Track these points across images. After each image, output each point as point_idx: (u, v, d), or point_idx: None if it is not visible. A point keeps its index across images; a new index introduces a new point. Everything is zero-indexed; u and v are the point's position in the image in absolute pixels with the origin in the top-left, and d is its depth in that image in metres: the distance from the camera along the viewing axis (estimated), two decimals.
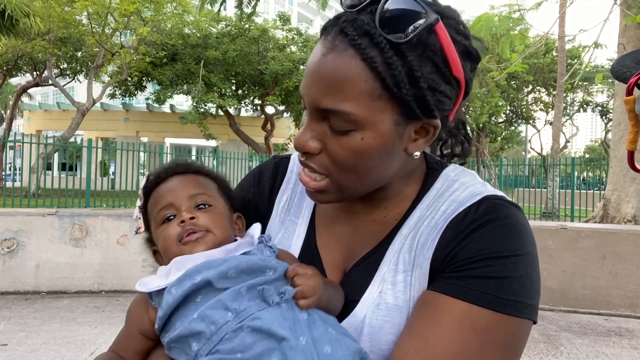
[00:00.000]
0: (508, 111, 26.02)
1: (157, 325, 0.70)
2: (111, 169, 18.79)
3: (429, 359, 0.64)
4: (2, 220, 5.59)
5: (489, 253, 0.67)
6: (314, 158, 0.70)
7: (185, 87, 18.47)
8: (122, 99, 22.23)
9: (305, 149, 0.69)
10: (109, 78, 18.97)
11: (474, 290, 0.66)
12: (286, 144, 22.16)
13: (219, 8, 18.37)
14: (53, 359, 3.70)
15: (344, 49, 0.63)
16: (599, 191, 11.98)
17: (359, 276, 0.76)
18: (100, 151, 15.09)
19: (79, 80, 21.60)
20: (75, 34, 16.78)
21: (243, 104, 21.63)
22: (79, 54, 18.94)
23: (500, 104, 21.74)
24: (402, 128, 0.67)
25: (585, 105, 27.51)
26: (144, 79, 19.73)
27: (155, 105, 20.56)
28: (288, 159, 0.93)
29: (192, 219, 0.76)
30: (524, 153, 34.36)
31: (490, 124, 24.88)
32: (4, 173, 16.76)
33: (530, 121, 26.88)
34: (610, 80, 21.12)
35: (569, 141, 30.42)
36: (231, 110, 20.38)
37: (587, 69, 16.53)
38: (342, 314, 0.74)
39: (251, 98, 21.08)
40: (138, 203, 0.93)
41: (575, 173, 12.82)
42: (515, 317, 0.66)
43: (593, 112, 28.66)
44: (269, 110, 20.97)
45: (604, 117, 28.65)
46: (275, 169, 0.92)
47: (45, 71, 19.07)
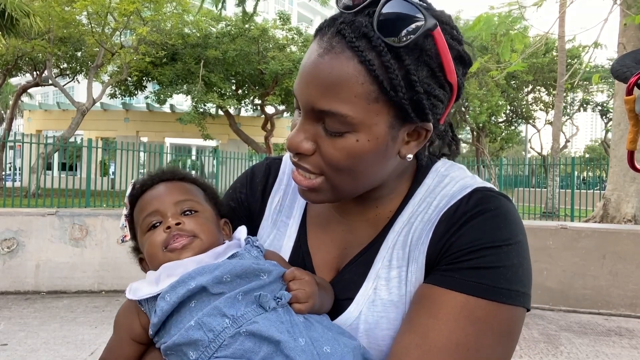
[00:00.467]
0: (508, 111, 26.00)
1: (152, 331, 0.71)
2: (111, 169, 18.80)
3: (430, 352, 0.64)
4: (2, 220, 5.59)
5: (483, 243, 0.68)
6: (308, 159, 0.69)
7: (185, 87, 18.47)
8: (122, 99, 22.22)
9: (299, 150, 0.69)
10: (109, 78, 18.96)
11: (470, 281, 0.66)
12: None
13: (220, 7, 18.35)
14: (53, 359, 3.70)
15: (341, 50, 0.63)
16: (599, 191, 11.98)
17: (352, 274, 0.76)
18: (100, 151, 15.10)
19: (78, 80, 21.60)
20: (75, 33, 16.78)
21: (243, 104, 21.63)
22: (79, 53, 18.94)
23: (500, 103, 21.73)
24: (396, 131, 0.68)
25: (585, 105, 27.50)
26: (143, 78, 19.72)
27: (155, 105, 20.56)
28: (280, 159, 0.94)
29: (178, 224, 0.76)
30: (524, 153, 34.36)
31: (490, 124, 24.86)
32: (4, 173, 16.76)
33: (530, 121, 26.86)
34: (610, 80, 21.12)
35: (569, 141, 30.41)
36: (231, 110, 20.38)
37: (587, 69, 16.52)
38: (337, 312, 0.75)
39: (251, 98, 21.09)
40: (124, 212, 0.93)
41: (575, 173, 12.82)
42: (511, 306, 0.67)
43: (593, 112, 28.64)
44: (269, 110, 20.97)
45: (604, 117, 28.65)
46: (268, 170, 0.92)
47: (45, 71, 19.06)
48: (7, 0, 11.46)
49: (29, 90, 24.53)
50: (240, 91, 20.54)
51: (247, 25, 18.42)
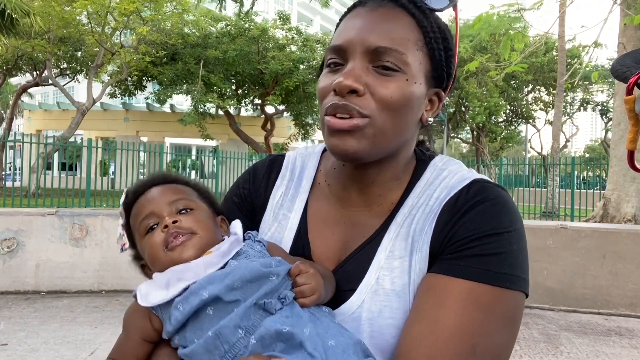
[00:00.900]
0: (508, 111, 26.01)
1: (166, 336, 0.72)
2: (111, 169, 18.79)
3: (439, 340, 0.66)
4: (2, 220, 5.59)
5: (485, 231, 0.70)
6: (358, 99, 0.72)
7: (185, 87, 18.47)
8: (122, 99, 22.22)
9: (352, 87, 0.71)
10: (109, 78, 18.96)
11: (475, 268, 0.69)
12: (286, 144, 22.15)
13: (219, 5, 18.32)
14: (53, 359, 3.70)
15: (392, 7, 0.75)
16: (599, 191, 11.98)
17: (355, 266, 0.78)
18: (100, 151, 15.11)
19: (78, 80, 21.60)
20: (75, 33, 16.78)
21: (243, 104, 21.62)
22: (79, 53, 18.94)
23: (501, 103, 21.74)
24: (426, 88, 0.77)
25: (585, 105, 27.50)
26: (143, 78, 19.72)
27: (156, 105, 20.56)
28: (283, 156, 0.96)
29: (175, 222, 0.76)
30: (524, 153, 34.35)
31: (490, 124, 24.86)
32: (4, 173, 16.76)
33: (530, 121, 26.86)
34: (610, 80, 21.11)
35: (569, 141, 30.41)
36: (231, 110, 20.37)
37: (587, 69, 16.51)
38: (339, 301, 0.76)
39: (251, 98, 21.08)
40: (120, 221, 0.93)
41: (575, 173, 12.82)
42: (514, 291, 0.69)
43: (593, 111, 28.63)
44: (269, 109, 20.96)
45: (604, 117, 28.65)
46: (270, 166, 0.95)
47: (45, 71, 19.06)
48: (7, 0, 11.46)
49: (29, 90, 24.51)
50: (240, 91, 20.53)
51: (247, 25, 18.41)
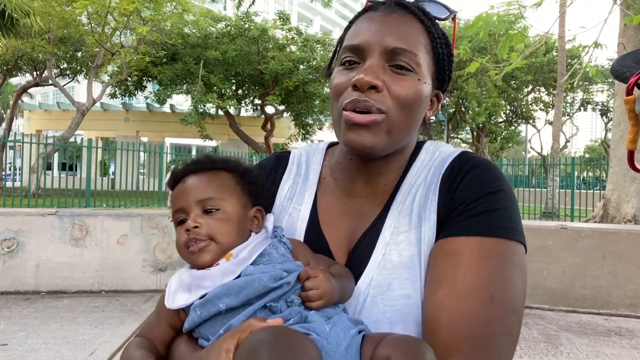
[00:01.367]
0: (508, 111, 26.01)
1: (184, 331, 0.77)
2: (111, 169, 18.80)
3: (462, 298, 0.71)
4: (2, 220, 5.59)
5: (482, 191, 0.78)
6: (376, 94, 0.77)
7: (185, 87, 18.46)
8: (122, 99, 22.22)
9: (372, 83, 0.76)
10: (109, 78, 18.96)
11: (480, 224, 0.76)
12: (286, 144, 22.15)
13: (224, 4, 18.27)
14: (53, 359, 3.70)
15: (404, 13, 0.82)
16: (599, 191, 11.98)
17: (362, 250, 0.83)
18: (100, 151, 15.11)
19: (78, 80, 21.59)
20: (75, 33, 16.77)
21: (243, 104, 21.62)
22: (79, 53, 18.93)
23: (501, 103, 21.73)
24: (432, 87, 0.84)
25: (585, 104, 27.49)
26: (143, 78, 19.71)
27: (155, 105, 20.55)
28: (288, 153, 1.01)
29: (196, 227, 0.79)
30: (524, 153, 34.36)
31: (490, 124, 24.86)
32: (4, 173, 16.76)
33: (530, 121, 26.86)
34: (610, 80, 21.11)
35: (569, 141, 30.41)
36: (231, 110, 20.36)
37: (587, 69, 16.50)
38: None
39: (251, 98, 21.08)
40: (166, 185, 1.01)
41: (575, 173, 12.82)
42: (515, 242, 0.76)
43: (593, 111, 28.64)
44: (269, 110, 20.96)
45: (604, 117, 28.65)
46: (277, 162, 1.00)
47: (45, 71, 19.06)
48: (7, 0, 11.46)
49: (29, 90, 24.51)
50: (240, 91, 20.53)
51: (247, 26, 18.41)
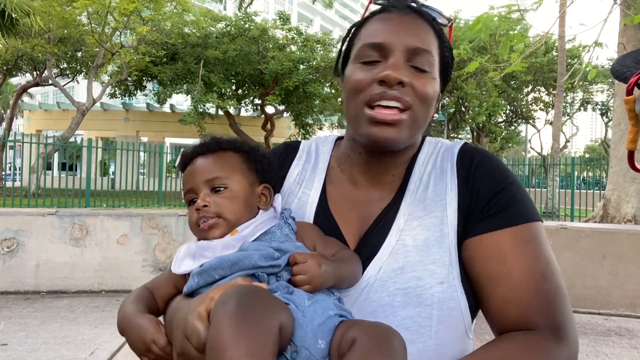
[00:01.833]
0: (508, 111, 25.99)
1: (184, 292, 0.80)
2: (111, 169, 18.79)
3: (519, 290, 0.78)
4: (2, 220, 5.59)
5: (500, 182, 0.85)
6: (403, 90, 0.82)
7: (185, 87, 18.47)
8: (122, 99, 22.22)
9: (400, 79, 0.81)
10: (109, 78, 18.95)
11: (508, 216, 0.82)
12: None
13: (223, 4, 18.28)
14: (53, 359, 3.70)
15: (416, 17, 0.87)
16: (599, 191, 11.98)
17: (377, 232, 0.86)
18: (100, 151, 15.11)
19: (77, 80, 21.59)
20: (75, 33, 16.77)
21: (243, 104, 21.62)
22: (79, 53, 18.93)
23: (501, 102, 21.71)
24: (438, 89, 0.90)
25: (585, 104, 27.48)
26: (143, 78, 19.71)
27: (156, 105, 20.55)
28: (298, 142, 1.05)
29: (205, 206, 0.83)
30: (524, 153, 34.34)
31: (490, 124, 24.83)
32: (4, 173, 16.75)
33: (530, 121, 26.84)
34: (610, 80, 21.10)
35: (569, 141, 30.40)
36: (231, 110, 20.37)
37: (588, 69, 16.51)
38: (364, 267, 0.83)
39: (251, 98, 21.09)
40: (177, 166, 1.08)
41: (575, 173, 12.82)
42: (539, 222, 0.84)
43: (593, 111, 28.63)
44: (269, 110, 20.97)
45: (604, 117, 28.63)
46: (286, 149, 1.04)
47: (45, 71, 19.06)
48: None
49: (29, 90, 24.51)
50: (240, 91, 20.53)
51: (247, 25, 18.40)
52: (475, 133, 25.72)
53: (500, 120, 26.50)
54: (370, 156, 0.89)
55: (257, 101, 21.25)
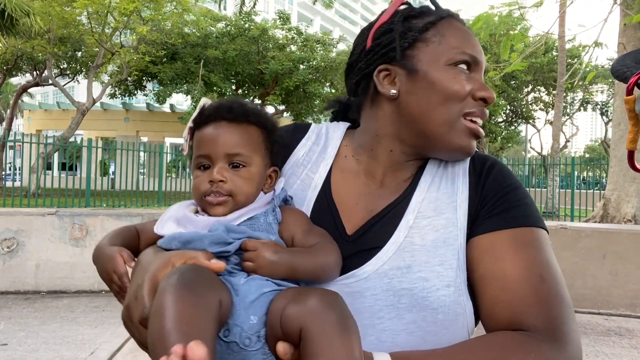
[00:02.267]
0: (508, 111, 25.99)
1: (157, 245, 0.81)
2: (111, 169, 18.79)
3: (514, 287, 0.76)
4: (2, 220, 5.59)
5: (506, 187, 0.85)
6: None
7: (185, 87, 18.48)
8: (122, 99, 22.22)
9: (493, 100, 0.85)
10: (109, 78, 18.96)
11: (509, 218, 0.81)
12: None
13: (219, 4, 18.32)
14: (53, 359, 3.70)
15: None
16: (599, 191, 11.98)
17: (383, 225, 0.84)
18: (100, 151, 15.11)
19: (77, 80, 21.59)
20: (75, 33, 16.78)
21: None
22: (79, 53, 18.94)
23: (501, 102, 21.71)
24: None
25: (585, 104, 27.48)
26: (143, 78, 19.71)
27: (155, 104, 20.55)
28: (309, 124, 1.01)
29: (221, 181, 0.80)
30: (524, 153, 34.34)
31: (490, 124, 24.83)
32: (4, 173, 16.75)
33: (530, 121, 26.85)
34: (610, 80, 21.10)
35: (569, 141, 30.40)
36: None
37: (587, 69, 16.51)
38: (365, 259, 0.81)
39: (251, 98, 21.09)
40: (190, 124, 0.92)
41: (575, 173, 12.82)
42: (541, 228, 0.83)
43: (593, 111, 28.63)
44: (269, 109, 20.97)
45: (604, 117, 28.63)
46: (296, 129, 1.00)
47: (45, 71, 19.06)
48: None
49: (29, 90, 24.52)
50: (240, 91, 20.55)
51: (247, 25, 18.41)
52: None
53: (500, 120, 26.50)
54: (405, 156, 0.88)
55: (257, 101, 21.24)
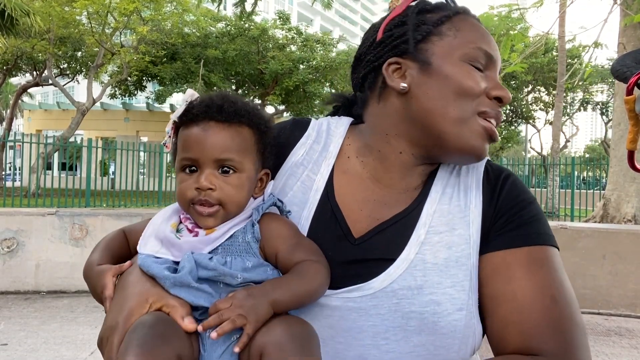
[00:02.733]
0: (508, 111, 26.00)
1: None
2: (111, 169, 18.79)
3: (525, 308, 0.72)
4: (2, 220, 5.58)
5: (521, 201, 0.81)
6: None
7: (185, 87, 18.49)
8: (122, 99, 22.22)
9: (509, 101, 0.80)
10: (109, 78, 18.96)
11: (524, 234, 0.78)
12: None
13: (218, 5, 18.34)
14: (53, 359, 3.70)
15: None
16: (599, 191, 11.98)
17: (391, 235, 0.78)
18: (100, 151, 15.10)
19: (77, 80, 21.60)
20: (75, 33, 16.79)
21: None
22: (79, 53, 18.95)
23: None
24: None
25: (585, 104, 27.50)
26: (143, 78, 19.72)
27: (156, 104, 20.55)
28: (309, 120, 0.94)
29: (210, 189, 0.74)
30: (524, 153, 34.34)
31: None
32: (4, 173, 16.75)
33: (530, 121, 26.86)
34: (610, 80, 21.11)
35: (569, 141, 30.39)
36: None
37: (587, 69, 16.51)
38: (377, 270, 0.75)
39: (251, 97, 21.10)
40: (174, 117, 0.80)
41: (575, 173, 12.82)
42: (553, 247, 0.79)
43: (593, 111, 28.64)
44: (269, 109, 20.99)
45: (604, 117, 28.64)
46: (294, 125, 0.93)
47: (45, 71, 19.07)
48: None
49: (29, 90, 24.52)
50: (240, 91, 20.56)
51: (247, 25, 18.42)
52: None
53: None
54: (414, 159, 0.81)
55: (257, 101, 21.25)
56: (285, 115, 22.04)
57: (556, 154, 13.67)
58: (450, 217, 0.79)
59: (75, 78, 21.29)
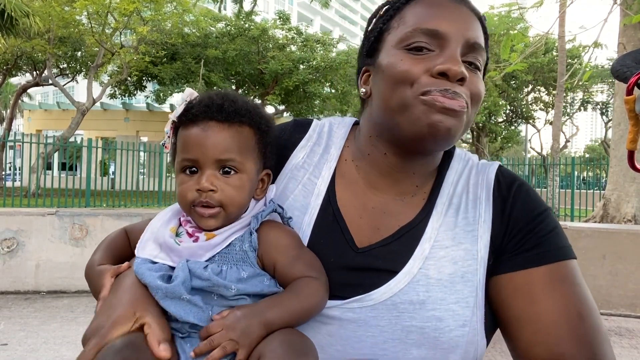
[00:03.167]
0: (508, 111, 26.01)
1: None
2: (111, 169, 18.79)
3: (550, 332, 0.71)
4: (2, 220, 5.58)
5: (537, 215, 0.77)
6: (460, 87, 0.72)
7: (185, 87, 18.49)
8: (122, 99, 22.22)
9: (464, 75, 0.71)
10: (109, 78, 18.97)
11: (545, 251, 0.75)
12: None
13: (219, 5, 18.36)
14: (53, 359, 3.70)
15: (468, 9, 0.77)
16: (599, 191, 11.98)
17: (396, 246, 0.77)
18: (100, 151, 15.09)
19: (77, 80, 21.61)
20: (75, 33, 16.79)
21: None
22: (79, 53, 18.95)
23: (501, 102, 21.73)
24: None
25: (585, 104, 27.51)
26: (143, 78, 19.72)
27: (155, 104, 20.55)
28: (310, 120, 0.93)
29: (211, 191, 0.73)
30: (524, 153, 34.35)
31: (490, 124, 24.86)
32: (4, 173, 16.75)
33: (530, 121, 26.87)
34: (610, 80, 21.12)
35: (569, 141, 30.41)
36: None
37: (587, 69, 16.52)
38: (378, 282, 0.74)
39: (251, 97, 21.11)
40: (173, 117, 0.79)
41: (575, 173, 12.81)
42: (573, 259, 0.77)
43: (593, 111, 28.66)
44: (269, 109, 21.00)
45: (604, 116, 28.65)
46: (295, 126, 0.91)
47: (45, 71, 19.06)
48: (7, 0, 11.46)
49: (28, 90, 24.53)
50: (240, 91, 20.55)
51: (247, 25, 18.43)
52: (475, 133, 25.72)
53: (500, 120, 26.52)
54: (397, 158, 0.79)
55: (257, 101, 21.27)
56: (285, 115, 22.05)
57: (556, 154, 13.67)
58: (457, 231, 0.77)
59: (75, 78, 21.29)
